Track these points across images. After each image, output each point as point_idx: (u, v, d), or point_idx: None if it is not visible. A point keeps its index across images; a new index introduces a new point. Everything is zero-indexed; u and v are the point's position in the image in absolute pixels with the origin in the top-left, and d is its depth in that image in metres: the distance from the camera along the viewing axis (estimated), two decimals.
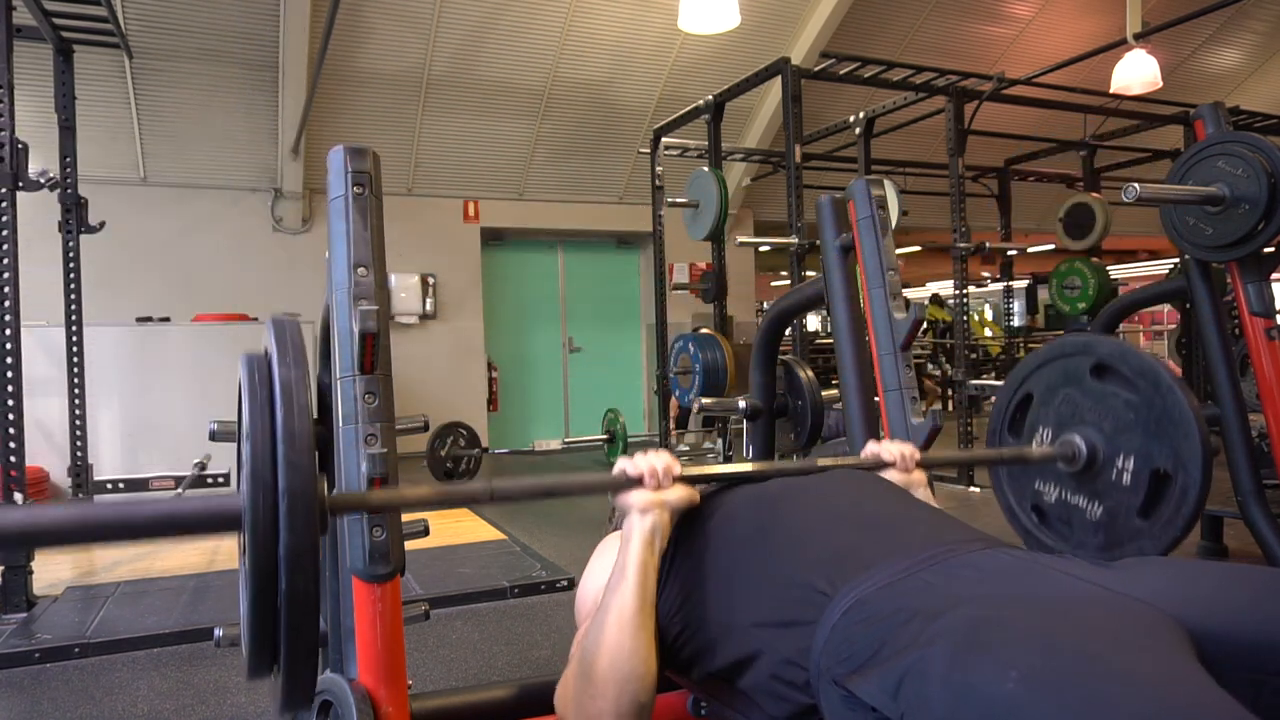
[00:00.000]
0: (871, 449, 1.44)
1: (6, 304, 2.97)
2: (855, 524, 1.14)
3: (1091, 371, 1.46)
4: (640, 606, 1.14)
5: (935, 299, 12.10)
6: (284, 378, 0.90)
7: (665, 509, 1.20)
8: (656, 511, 1.19)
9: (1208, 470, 1.28)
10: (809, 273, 4.28)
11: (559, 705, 1.22)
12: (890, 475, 1.40)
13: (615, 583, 1.16)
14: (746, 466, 1.34)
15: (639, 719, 1.12)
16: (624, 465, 1.22)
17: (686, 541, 1.26)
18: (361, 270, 1.26)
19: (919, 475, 1.42)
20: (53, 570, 3.54)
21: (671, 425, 6.44)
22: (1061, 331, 9.43)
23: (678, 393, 5.11)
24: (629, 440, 6.41)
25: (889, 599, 0.94)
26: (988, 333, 12.26)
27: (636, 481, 1.21)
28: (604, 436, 6.51)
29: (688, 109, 5.81)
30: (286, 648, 0.88)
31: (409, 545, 1.29)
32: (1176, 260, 7.84)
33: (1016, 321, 10.09)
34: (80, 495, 4.39)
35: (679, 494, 1.22)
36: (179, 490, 3.41)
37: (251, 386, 0.90)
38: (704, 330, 6.73)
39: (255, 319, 6.16)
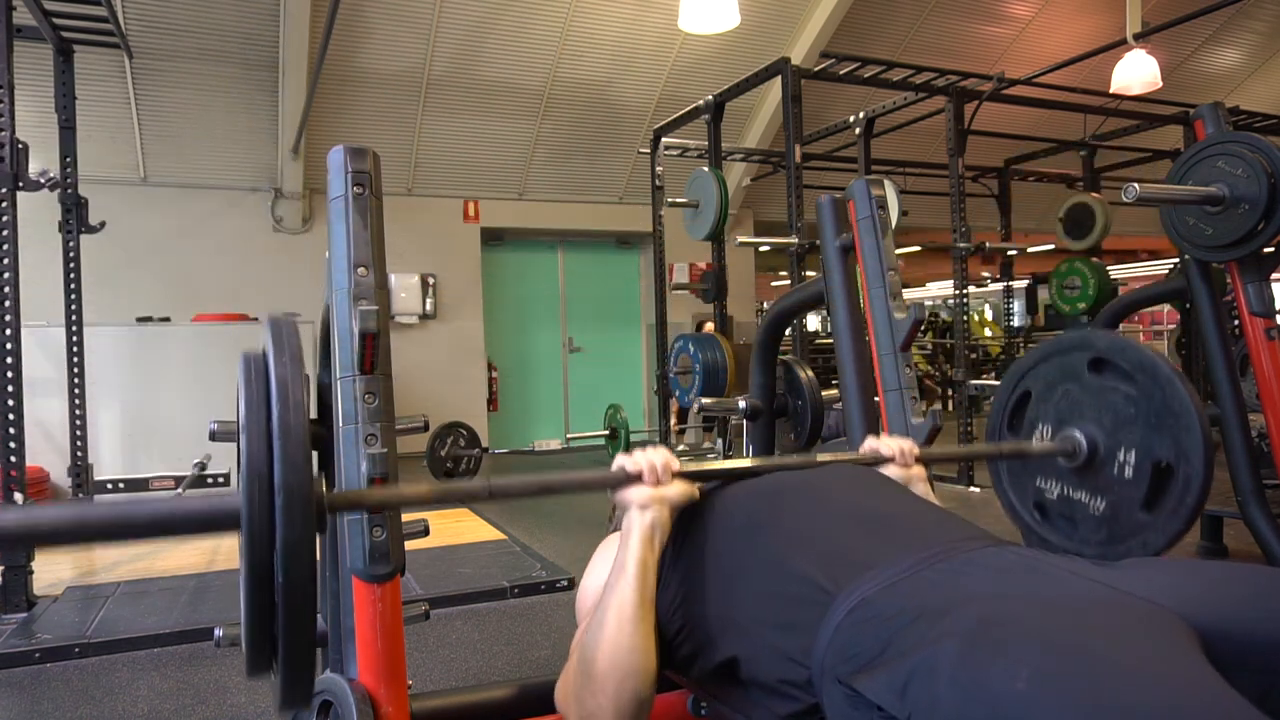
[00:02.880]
0: (870, 444, 1.44)
1: (6, 304, 2.97)
2: (858, 521, 1.14)
3: (1090, 366, 1.45)
4: (640, 602, 1.14)
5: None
6: (280, 375, 0.90)
7: (665, 505, 1.20)
8: (656, 508, 1.19)
9: (1210, 461, 1.27)
10: (809, 273, 4.28)
11: (559, 702, 1.22)
12: (889, 470, 1.40)
13: (615, 579, 1.16)
14: (746, 463, 1.34)
15: (639, 714, 1.12)
16: (623, 462, 1.22)
17: (687, 538, 1.26)
18: (361, 270, 1.26)
19: (918, 470, 1.42)
20: (53, 570, 3.53)
21: (673, 425, 6.44)
22: (1061, 331, 9.42)
23: (678, 393, 5.11)
24: (631, 435, 6.39)
25: (894, 598, 0.94)
26: (988, 333, 12.26)
27: (636, 478, 1.20)
28: (605, 433, 6.51)
29: (688, 109, 5.80)
30: (284, 645, 0.88)
31: (409, 545, 1.29)
32: (1176, 260, 7.83)
33: (1016, 321, 10.08)
34: (80, 495, 4.39)
35: (678, 490, 1.22)
36: (179, 490, 3.41)
37: (248, 384, 0.90)
38: (706, 325, 6.76)
39: (255, 319, 6.16)
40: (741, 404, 2.61)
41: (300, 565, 0.85)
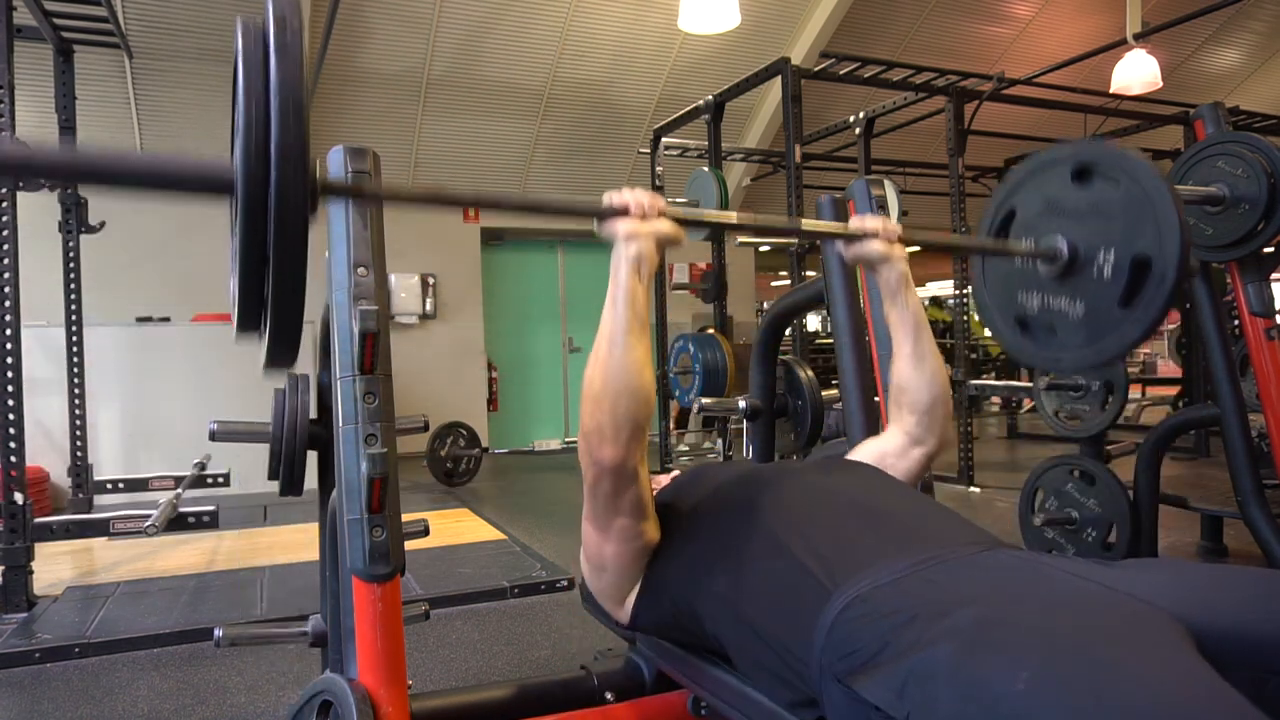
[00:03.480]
0: (855, 221, 1.45)
1: (6, 304, 2.97)
2: (859, 518, 1.14)
3: (1074, 176, 1.49)
4: (631, 326, 1.17)
5: (934, 301, 12.10)
6: (280, 40, 0.84)
7: (651, 239, 1.20)
8: (642, 240, 1.19)
9: (1185, 247, 1.31)
10: (809, 273, 4.28)
11: (580, 450, 1.23)
12: (871, 245, 1.40)
13: (607, 311, 1.19)
14: (731, 217, 1.33)
15: (635, 431, 1.16)
16: (610, 195, 1.22)
17: (692, 520, 1.27)
18: (361, 270, 1.27)
19: (899, 249, 1.43)
20: (53, 570, 3.53)
21: (672, 425, 6.44)
22: None
23: (678, 393, 5.11)
24: None
25: (890, 597, 0.94)
26: (987, 333, 12.25)
27: (622, 211, 1.20)
28: None
29: (688, 109, 5.81)
30: (274, 305, 0.89)
31: (409, 545, 1.29)
32: None
33: None
34: (80, 495, 4.39)
35: (665, 226, 1.22)
36: (179, 490, 3.41)
37: (247, 49, 0.85)
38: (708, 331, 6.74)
39: None
40: (741, 404, 2.61)
41: (293, 237, 0.85)
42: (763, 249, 11.70)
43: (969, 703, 0.77)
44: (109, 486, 3.99)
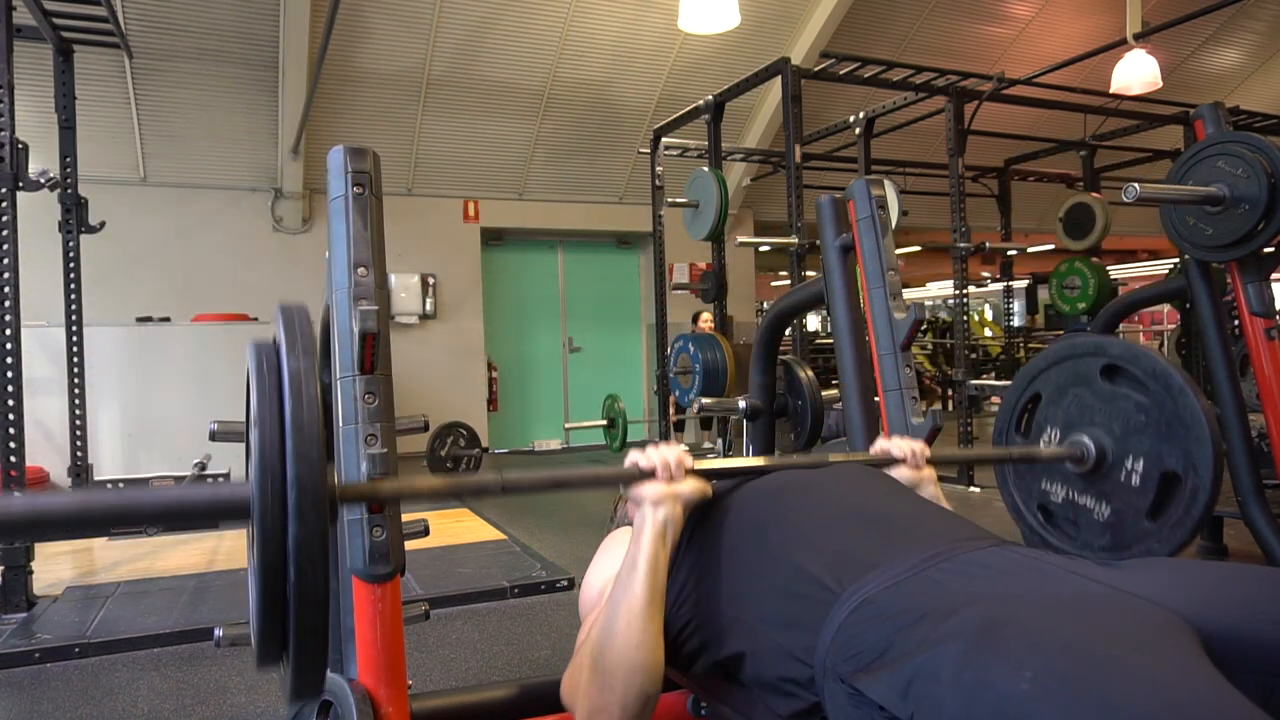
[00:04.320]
0: (881, 444, 1.44)
1: (6, 304, 2.97)
2: (863, 521, 1.14)
3: (1102, 373, 1.45)
4: (650, 599, 1.14)
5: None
6: (293, 368, 0.88)
7: (678, 502, 1.20)
8: (669, 504, 1.19)
9: (1219, 472, 1.28)
10: (809, 273, 4.28)
11: (566, 698, 1.22)
12: (899, 472, 1.40)
13: (626, 575, 1.16)
14: (759, 461, 1.34)
15: (645, 709, 1.13)
16: (636, 457, 1.22)
17: (695, 534, 1.27)
18: (361, 270, 1.26)
19: (929, 472, 1.41)
20: (53, 570, 3.53)
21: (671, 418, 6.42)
22: (1061, 331, 9.42)
23: (677, 393, 5.11)
24: (629, 424, 6.38)
25: (897, 598, 0.94)
26: (988, 333, 12.25)
27: (649, 474, 1.20)
28: (604, 422, 6.49)
29: (688, 109, 5.80)
30: (296, 638, 0.87)
31: (409, 545, 1.29)
32: (1176, 260, 7.83)
33: (1016, 321, 10.09)
34: None
35: (691, 487, 1.22)
36: None
37: (260, 376, 0.88)
38: (704, 315, 6.73)
39: (255, 319, 6.16)
40: (741, 404, 2.61)
41: (313, 562, 0.84)
42: (763, 249, 11.71)
43: (974, 703, 0.77)
44: (109, 486, 3.99)
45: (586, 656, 1.17)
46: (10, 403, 2.98)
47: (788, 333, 3.59)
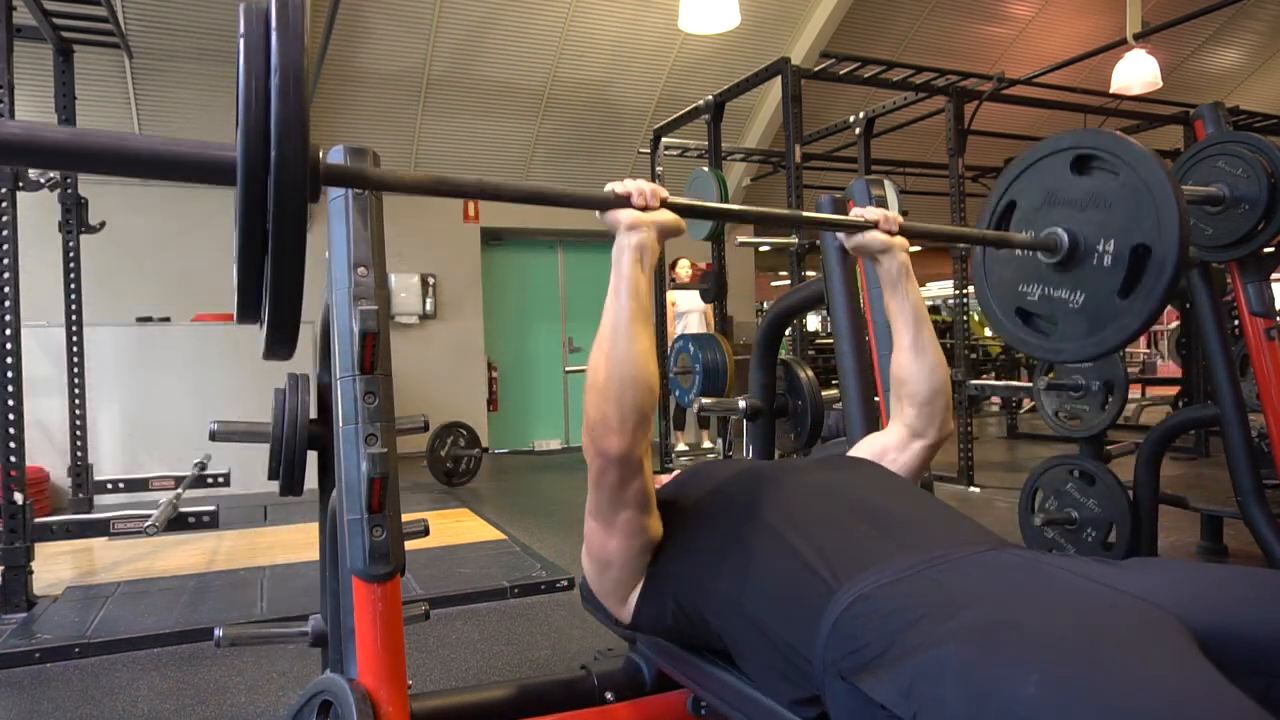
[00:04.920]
0: (855, 211, 1.47)
1: (6, 304, 2.97)
2: (864, 514, 1.14)
3: (1073, 166, 1.49)
4: (634, 316, 1.17)
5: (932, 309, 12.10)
6: (281, 23, 0.83)
7: (652, 228, 1.21)
8: (644, 229, 1.21)
9: (1184, 236, 1.31)
10: (809, 273, 4.28)
11: (584, 443, 1.23)
12: (872, 235, 1.43)
13: (610, 301, 1.19)
14: (734, 207, 1.37)
15: (640, 422, 1.16)
16: (613, 185, 1.23)
17: (695, 518, 1.27)
18: (361, 270, 1.27)
19: (900, 240, 1.45)
20: (53, 570, 3.54)
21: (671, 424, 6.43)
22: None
23: (677, 393, 5.11)
24: None
25: (894, 596, 0.94)
26: (988, 332, 12.25)
27: (624, 200, 1.21)
28: None
29: (688, 109, 5.81)
30: (272, 300, 0.88)
31: (409, 545, 1.29)
32: None
33: None
34: (80, 495, 4.39)
35: (666, 216, 1.23)
36: (179, 490, 3.41)
37: (248, 27, 0.84)
38: (679, 262, 6.70)
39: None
40: (741, 404, 2.61)
41: (292, 213, 0.84)
42: (763, 249, 11.71)
43: (977, 704, 0.77)
44: (109, 486, 3.99)
45: (588, 379, 1.20)
46: (10, 403, 2.98)
47: (788, 333, 3.59)
